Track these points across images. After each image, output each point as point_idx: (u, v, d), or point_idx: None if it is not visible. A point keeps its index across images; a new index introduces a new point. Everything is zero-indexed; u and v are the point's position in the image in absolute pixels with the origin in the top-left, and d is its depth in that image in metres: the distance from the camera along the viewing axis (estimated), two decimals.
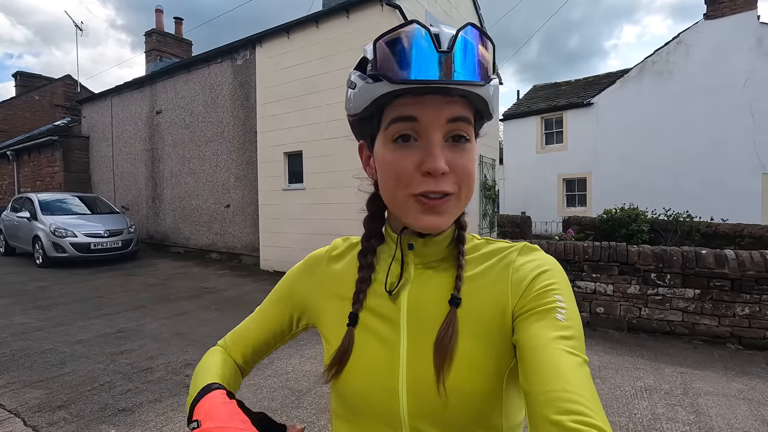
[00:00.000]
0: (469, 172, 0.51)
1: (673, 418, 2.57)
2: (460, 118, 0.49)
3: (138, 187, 10.76)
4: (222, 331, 2.84)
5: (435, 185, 0.49)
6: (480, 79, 0.47)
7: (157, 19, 13.53)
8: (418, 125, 0.49)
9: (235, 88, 8.34)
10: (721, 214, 8.63)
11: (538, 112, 13.83)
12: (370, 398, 0.53)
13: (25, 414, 2.61)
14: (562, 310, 0.47)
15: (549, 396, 0.39)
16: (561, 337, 0.44)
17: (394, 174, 0.50)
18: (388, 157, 0.51)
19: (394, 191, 0.51)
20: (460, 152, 0.50)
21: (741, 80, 10.30)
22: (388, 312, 0.55)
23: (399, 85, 0.46)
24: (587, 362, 0.44)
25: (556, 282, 0.51)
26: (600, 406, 0.39)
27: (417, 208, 0.50)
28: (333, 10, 6.75)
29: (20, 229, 8.82)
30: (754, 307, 3.74)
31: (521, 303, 0.50)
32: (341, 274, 0.62)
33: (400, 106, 0.49)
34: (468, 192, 0.52)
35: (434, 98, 0.47)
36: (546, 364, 0.42)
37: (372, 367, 0.53)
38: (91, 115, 12.16)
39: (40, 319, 4.64)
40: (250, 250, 8.20)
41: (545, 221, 13.00)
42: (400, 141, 0.50)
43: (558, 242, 4.65)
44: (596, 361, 3.49)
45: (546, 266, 0.53)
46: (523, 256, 0.55)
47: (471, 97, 0.48)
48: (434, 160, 0.47)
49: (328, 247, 0.68)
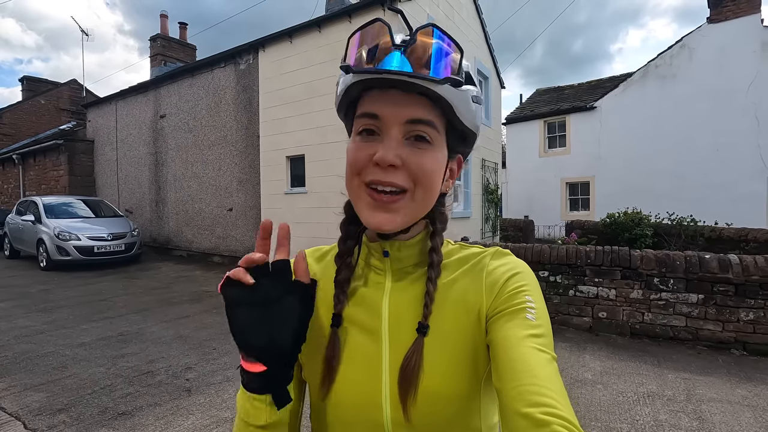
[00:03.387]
0: (424, 170, 0.50)
1: (676, 425, 2.55)
2: (420, 120, 0.49)
3: (141, 190, 10.82)
4: (223, 335, 2.85)
5: (383, 175, 0.49)
6: (437, 75, 0.47)
7: (162, 24, 13.65)
8: (380, 122, 0.50)
9: (239, 92, 8.39)
10: (726, 218, 8.57)
11: (541, 116, 13.83)
12: (355, 409, 0.53)
13: (26, 417, 2.62)
14: (532, 309, 0.49)
15: (519, 390, 0.41)
16: (531, 336, 0.46)
17: (350, 162, 0.52)
18: (351, 147, 0.53)
19: (350, 180, 0.53)
20: (417, 150, 0.50)
21: (745, 84, 10.26)
22: (369, 323, 0.55)
23: (359, 75, 0.48)
24: (556, 359, 0.46)
25: (527, 284, 0.52)
26: (567, 399, 0.41)
27: (368, 201, 0.51)
28: (335, 15, 6.79)
29: (25, 232, 8.88)
30: (759, 312, 3.71)
31: (494, 305, 0.52)
32: (320, 281, 0.60)
33: (366, 103, 0.51)
34: (424, 192, 0.51)
35: (396, 96, 0.48)
36: (516, 361, 0.44)
37: (356, 377, 0.53)
38: (96, 120, 12.26)
39: (42, 322, 4.66)
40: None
41: (548, 225, 12.96)
42: (364, 134, 0.51)
43: (561, 246, 4.63)
44: (598, 366, 3.46)
45: (517, 269, 0.54)
46: (496, 260, 0.57)
47: (431, 95, 0.48)
48: (385, 151, 0.48)
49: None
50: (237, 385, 3.05)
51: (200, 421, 2.59)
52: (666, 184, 11.16)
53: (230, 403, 2.84)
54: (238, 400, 0.51)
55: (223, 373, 3.31)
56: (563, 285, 4.50)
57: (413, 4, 6.56)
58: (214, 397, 2.92)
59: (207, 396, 2.93)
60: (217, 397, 2.91)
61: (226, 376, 3.27)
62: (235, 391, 2.99)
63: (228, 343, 3.96)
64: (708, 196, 10.38)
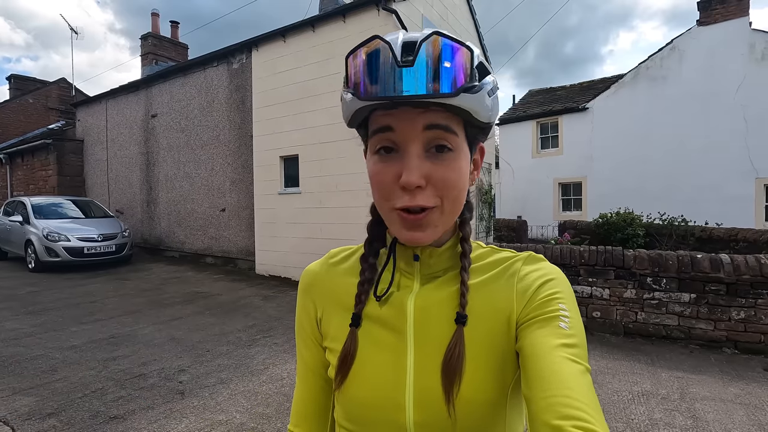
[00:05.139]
0: (450, 184, 0.49)
1: (671, 424, 2.56)
2: (437, 125, 0.48)
3: (132, 190, 10.69)
4: (217, 337, 2.82)
5: (411, 200, 0.48)
6: (449, 89, 0.44)
7: (153, 23, 13.51)
8: (395, 135, 0.48)
9: (231, 91, 8.33)
10: (716, 218, 8.68)
11: (534, 117, 13.90)
12: (376, 409, 0.52)
13: (15, 422, 2.56)
14: (566, 318, 0.47)
15: (550, 401, 0.40)
16: (563, 345, 0.44)
17: (376, 186, 0.51)
18: (372, 168, 0.52)
19: (380, 203, 0.52)
20: (440, 163, 0.49)
21: (734, 86, 10.41)
22: (393, 321, 0.54)
23: (365, 102, 0.46)
24: (590, 371, 0.44)
25: (561, 291, 0.51)
26: (601, 414, 0.39)
27: (399, 222, 0.51)
28: (329, 15, 6.76)
29: (12, 233, 8.73)
30: (750, 311, 3.75)
31: (525, 311, 0.50)
32: (343, 283, 0.61)
33: (378, 118, 0.49)
34: (452, 204, 0.51)
35: (406, 110, 0.47)
36: (548, 370, 0.42)
37: (378, 376, 0.52)
38: (86, 119, 12.09)
39: (31, 325, 4.57)
40: (245, 254, 8.15)
41: (541, 225, 13.03)
42: (382, 152, 0.50)
43: (554, 246, 4.65)
44: (593, 365, 3.48)
45: (551, 275, 0.53)
46: (528, 265, 0.55)
47: (446, 106, 0.47)
48: (408, 174, 0.47)
49: (322, 258, 0.66)
50: (231, 387, 3.04)
51: (194, 424, 2.56)
52: (657, 185, 11.28)
53: (224, 405, 2.81)
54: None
55: (217, 375, 3.27)
56: None
57: (407, 5, 6.55)
58: (207, 399, 2.89)
59: (201, 399, 2.90)
60: (211, 400, 2.88)
61: (220, 378, 3.23)
62: (230, 393, 2.97)
63: (222, 344, 3.93)
64: (698, 196, 10.51)
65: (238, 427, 2.54)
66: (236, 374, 3.30)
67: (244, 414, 2.69)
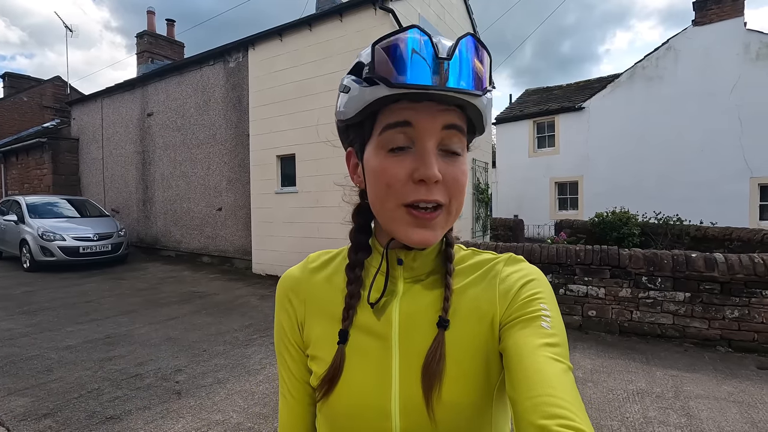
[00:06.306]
0: (458, 183, 0.50)
1: (665, 422, 2.58)
2: (454, 126, 0.48)
3: (128, 189, 10.64)
4: (214, 337, 2.83)
5: (427, 194, 0.48)
6: (476, 89, 0.46)
7: (149, 21, 13.43)
8: (413, 131, 0.48)
9: (228, 90, 8.30)
10: (710, 217, 8.74)
11: (531, 116, 13.94)
12: (363, 419, 0.51)
13: (10, 422, 2.55)
14: (547, 318, 0.48)
15: (535, 401, 0.40)
16: (546, 344, 0.45)
17: (385, 182, 0.49)
18: (381, 164, 0.49)
19: (385, 200, 0.50)
20: (452, 163, 0.49)
21: (729, 85, 10.48)
22: (378, 329, 0.54)
23: (396, 89, 0.45)
24: (572, 369, 0.45)
25: (541, 291, 0.51)
26: (585, 411, 0.40)
27: (407, 220, 0.49)
28: (326, 14, 6.75)
29: (7, 232, 8.67)
30: (743, 310, 3.78)
31: (508, 312, 0.51)
32: (324, 289, 0.59)
33: (396, 111, 0.47)
34: (458, 206, 0.51)
35: (429, 105, 0.47)
36: (532, 370, 0.42)
37: (364, 385, 0.52)
38: (81, 117, 12.02)
39: (26, 325, 4.55)
40: (242, 253, 8.14)
41: (538, 224, 13.07)
42: (395, 149, 0.49)
43: (551, 245, 4.67)
44: (588, 364, 3.50)
45: (531, 276, 0.54)
46: (509, 267, 0.56)
47: (466, 107, 0.48)
48: (428, 167, 0.47)
49: (301, 263, 0.64)
50: (228, 387, 3.03)
51: (191, 425, 2.56)
52: (652, 184, 11.35)
53: (221, 405, 2.80)
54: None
55: (214, 375, 3.27)
56: (553, 284, 4.53)
57: (404, 4, 6.55)
58: (204, 399, 2.88)
59: (197, 399, 2.89)
60: (207, 400, 2.87)
61: (217, 378, 3.23)
62: (227, 393, 2.96)
63: (218, 344, 3.93)
64: (693, 195, 10.57)
65: (235, 427, 2.54)
66: (233, 374, 3.30)
67: (241, 414, 2.69)
